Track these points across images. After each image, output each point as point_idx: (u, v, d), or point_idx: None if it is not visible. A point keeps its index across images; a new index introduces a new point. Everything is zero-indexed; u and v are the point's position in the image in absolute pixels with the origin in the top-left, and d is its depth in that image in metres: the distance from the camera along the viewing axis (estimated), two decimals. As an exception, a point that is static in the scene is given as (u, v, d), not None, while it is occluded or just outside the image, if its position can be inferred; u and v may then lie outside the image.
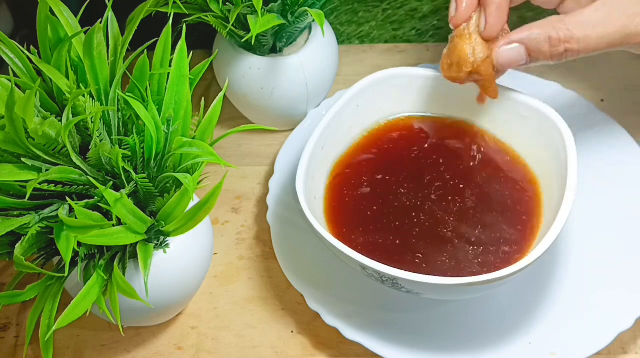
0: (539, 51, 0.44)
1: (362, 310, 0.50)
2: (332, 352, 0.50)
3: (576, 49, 0.44)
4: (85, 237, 0.38)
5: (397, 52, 0.69)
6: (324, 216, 0.50)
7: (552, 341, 0.47)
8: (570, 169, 0.46)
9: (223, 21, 0.53)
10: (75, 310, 0.39)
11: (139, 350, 0.51)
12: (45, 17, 0.42)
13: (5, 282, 0.55)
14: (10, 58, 0.42)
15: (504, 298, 0.50)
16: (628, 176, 0.55)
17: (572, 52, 0.44)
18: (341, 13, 0.69)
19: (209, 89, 0.67)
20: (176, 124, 0.43)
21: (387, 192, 0.51)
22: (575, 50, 0.44)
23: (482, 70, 0.46)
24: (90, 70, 0.42)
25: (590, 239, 0.52)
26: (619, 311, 0.47)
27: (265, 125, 0.47)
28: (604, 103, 0.62)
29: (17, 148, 0.38)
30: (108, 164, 0.41)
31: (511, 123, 0.52)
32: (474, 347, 0.48)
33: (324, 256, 0.52)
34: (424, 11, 0.69)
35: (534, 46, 0.44)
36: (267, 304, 0.53)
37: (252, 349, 0.50)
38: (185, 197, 0.42)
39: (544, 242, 0.43)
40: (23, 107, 0.35)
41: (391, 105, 0.55)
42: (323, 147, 0.51)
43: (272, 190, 0.56)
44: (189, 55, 0.44)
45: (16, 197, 0.39)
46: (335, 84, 0.63)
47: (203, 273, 0.49)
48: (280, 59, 0.57)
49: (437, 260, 0.47)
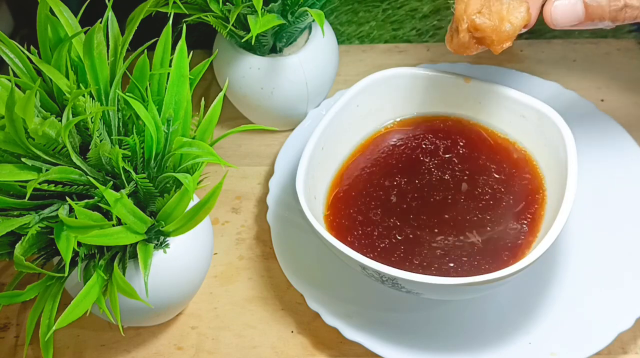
0: (596, 4, 0.41)
1: (362, 310, 0.50)
2: (332, 352, 0.50)
3: (637, 4, 0.40)
4: (85, 237, 0.38)
5: (397, 52, 0.69)
6: (323, 216, 0.50)
7: (552, 341, 0.47)
8: (570, 169, 0.46)
9: (223, 21, 0.53)
10: (75, 310, 0.39)
11: (139, 350, 0.51)
12: (45, 17, 0.42)
13: (5, 282, 0.55)
14: (10, 58, 0.42)
15: (504, 298, 0.50)
16: (628, 176, 0.55)
17: (632, 8, 0.41)
18: (341, 13, 0.69)
19: (209, 89, 0.67)
20: (176, 124, 0.43)
21: (387, 191, 0.51)
22: (636, 7, 0.41)
23: (478, 24, 0.44)
24: (90, 70, 0.42)
25: (590, 239, 0.52)
26: (619, 311, 0.47)
27: (265, 125, 0.47)
28: (604, 103, 0.62)
29: (17, 148, 0.38)
30: (108, 163, 0.41)
31: (512, 123, 0.52)
32: (474, 347, 0.48)
33: (324, 256, 0.52)
34: (424, 11, 0.69)
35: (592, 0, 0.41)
36: (267, 304, 0.53)
37: (252, 349, 0.50)
38: (185, 197, 0.42)
39: (544, 242, 0.43)
40: (23, 107, 0.35)
41: (391, 105, 0.55)
42: (323, 147, 0.51)
43: (272, 190, 0.56)
44: (189, 55, 0.44)
45: (16, 197, 0.39)
46: (335, 84, 0.63)
47: (203, 273, 0.49)
48: (280, 59, 0.57)
49: (438, 260, 0.47)
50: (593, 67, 0.65)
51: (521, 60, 0.66)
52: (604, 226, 0.53)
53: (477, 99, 0.53)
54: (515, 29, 0.44)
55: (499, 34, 0.44)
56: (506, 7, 0.44)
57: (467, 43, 0.45)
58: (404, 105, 0.55)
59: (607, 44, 0.68)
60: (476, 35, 0.45)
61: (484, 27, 0.44)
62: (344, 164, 0.54)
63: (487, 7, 0.44)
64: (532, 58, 0.67)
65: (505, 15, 0.44)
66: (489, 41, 0.45)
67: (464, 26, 0.44)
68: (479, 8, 0.44)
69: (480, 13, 0.44)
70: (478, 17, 0.44)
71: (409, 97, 0.54)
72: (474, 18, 0.44)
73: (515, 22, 0.44)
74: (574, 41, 0.68)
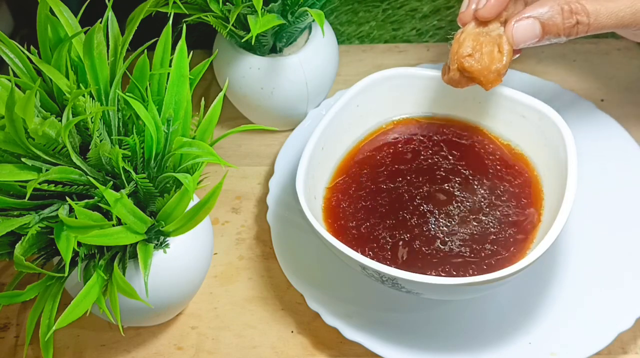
0: (552, 24, 0.45)
1: (362, 310, 0.50)
2: (332, 352, 0.50)
3: (586, 21, 0.44)
4: (85, 237, 0.38)
5: (397, 52, 0.69)
6: (323, 216, 0.50)
7: (552, 341, 0.47)
8: (570, 169, 0.46)
9: (223, 21, 0.53)
10: (75, 310, 0.39)
11: (139, 350, 0.51)
12: (45, 17, 0.42)
13: (5, 282, 0.55)
14: (10, 58, 0.42)
15: (504, 298, 0.50)
16: (628, 176, 0.55)
17: (582, 24, 0.44)
18: (341, 13, 0.69)
19: (209, 89, 0.67)
20: (176, 124, 0.43)
21: (387, 192, 0.51)
22: (585, 24, 0.44)
23: (466, 66, 0.46)
24: (90, 70, 0.42)
25: (590, 239, 0.52)
26: (619, 311, 0.47)
27: (265, 125, 0.47)
28: (604, 103, 0.62)
29: (17, 148, 0.38)
30: (108, 163, 0.41)
31: (512, 123, 0.52)
32: (474, 347, 0.48)
33: (324, 256, 0.52)
34: (424, 11, 0.69)
35: (547, 19, 0.45)
36: (267, 304, 0.53)
37: (252, 349, 0.50)
38: (185, 197, 0.42)
39: (543, 242, 0.43)
40: (23, 107, 0.35)
41: (391, 105, 0.55)
42: (323, 147, 0.51)
43: (272, 190, 0.56)
44: (189, 55, 0.44)
45: (16, 197, 0.39)
46: (335, 84, 0.63)
47: (203, 273, 0.49)
48: (280, 59, 0.57)
49: (438, 259, 0.47)
50: (593, 67, 0.65)
51: (521, 60, 0.66)
52: (604, 226, 0.53)
53: (476, 99, 0.53)
54: (504, 67, 0.46)
55: (486, 76, 0.46)
56: (496, 48, 0.46)
57: (457, 80, 0.48)
58: (403, 105, 0.55)
59: (607, 44, 0.67)
60: (466, 75, 0.47)
61: (471, 70, 0.46)
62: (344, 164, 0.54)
63: (479, 50, 0.46)
64: (532, 58, 0.67)
65: (495, 56, 0.46)
66: (477, 81, 0.47)
67: (454, 66, 0.47)
68: (469, 51, 0.46)
69: (470, 56, 0.46)
70: (467, 60, 0.46)
71: (409, 97, 0.54)
72: (462, 61, 0.46)
73: (503, 62, 0.46)
74: (573, 41, 0.68)
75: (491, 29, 0.47)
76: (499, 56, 0.46)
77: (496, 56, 0.46)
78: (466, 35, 0.47)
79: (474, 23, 0.47)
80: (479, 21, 0.47)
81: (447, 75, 0.48)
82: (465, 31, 0.47)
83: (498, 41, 0.46)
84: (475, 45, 0.46)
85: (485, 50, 0.46)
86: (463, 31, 0.47)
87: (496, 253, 0.47)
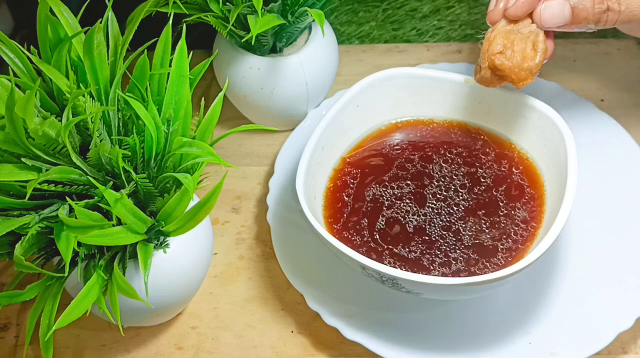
0: (582, 7, 0.44)
1: (362, 310, 0.50)
2: (332, 352, 0.50)
3: (617, 9, 0.43)
4: (85, 237, 0.38)
5: (397, 52, 0.69)
6: (323, 216, 0.50)
7: (552, 341, 0.47)
8: (570, 169, 0.46)
9: (223, 21, 0.53)
10: (75, 310, 0.39)
11: (139, 350, 0.51)
12: (45, 17, 0.42)
13: (5, 282, 0.55)
14: (10, 58, 0.42)
15: (504, 298, 0.50)
16: (628, 176, 0.55)
17: (613, 12, 0.44)
18: (341, 13, 0.69)
19: (209, 89, 0.67)
20: (176, 124, 0.43)
21: (387, 192, 0.51)
22: (616, 11, 0.44)
23: (497, 64, 0.45)
24: (90, 70, 0.42)
25: (590, 239, 0.52)
26: (619, 311, 0.47)
27: (265, 125, 0.47)
28: (604, 103, 0.62)
29: (17, 148, 0.38)
30: (108, 163, 0.41)
31: (512, 123, 0.52)
32: (474, 347, 0.48)
33: (324, 256, 0.52)
34: (424, 11, 0.69)
35: (578, 2, 0.44)
36: (267, 304, 0.53)
37: (252, 349, 0.50)
38: (185, 197, 0.42)
39: (544, 242, 0.43)
40: (23, 107, 0.35)
41: (391, 105, 0.55)
42: (323, 147, 0.51)
43: (272, 190, 0.56)
44: (189, 55, 0.44)
45: (16, 197, 0.39)
46: (335, 84, 0.63)
47: (203, 273, 0.49)
48: (280, 59, 0.57)
49: (438, 259, 0.47)
50: (593, 67, 0.65)
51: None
52: (604, 226, 0.53)
53: (477, 99, 0.53)
54: (537, 65, 0.45)
55: (517, 73, 0.46)
56: (530, 45, 0.46)
57: (489, 79, 0.47)
58: (403, 105, 0.55)
59: (607, 44, 0.67)
60: (497, 73, 0.46)
61: (502, 68, 0.45)
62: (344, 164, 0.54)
63: (510, 47, 0.46)
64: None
65: (528, 54, 0.45)
66: (509, 79, 0.46)
67: (485, 64, 0.46)
68: (500, 48, 0.45)
69: (501, 53, 0.45)
70: (498, 57, 0.45)
71: (409, 97, 0.54)
72: (493, 58, 0.45)
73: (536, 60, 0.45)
74: (574, 41, 0.68)
75: (522, 26, 0.46)
76: (532, 54, 0.45)
77: (529, 54, 0.45)
78: (497, 33, 0.46)
79: (504, 21, 0.47)
80: (509, 19, 0.47)
81: (478, 75, 0.48)
82: (495, 29, 0.46)
83: (533, 39, 0.46)
84: (506, 42, 0.46)
85: (517, 47, 0.45)
86: (493, 29, 0.47)
87: (496, 253, 0.47)
